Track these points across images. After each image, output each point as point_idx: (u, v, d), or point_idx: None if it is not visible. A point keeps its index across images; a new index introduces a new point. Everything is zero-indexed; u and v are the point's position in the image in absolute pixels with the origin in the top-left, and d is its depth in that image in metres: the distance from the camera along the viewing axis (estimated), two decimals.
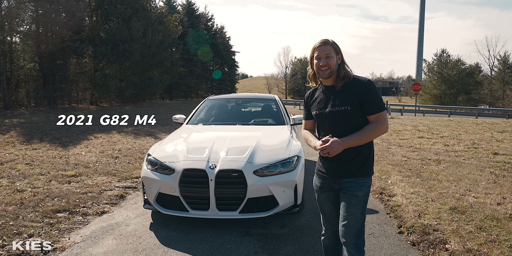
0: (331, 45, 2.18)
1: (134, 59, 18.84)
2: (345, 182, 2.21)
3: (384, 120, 2.13)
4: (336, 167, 2.22)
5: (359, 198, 2.18)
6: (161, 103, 23.82)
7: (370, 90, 2.14)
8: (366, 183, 2.21)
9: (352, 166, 2.19)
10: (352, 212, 2.17)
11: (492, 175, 5.57)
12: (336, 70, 2.18)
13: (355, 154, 2.18)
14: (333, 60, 2.16)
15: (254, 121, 5.15)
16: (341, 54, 2.22)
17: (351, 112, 2.14)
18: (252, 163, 3.53)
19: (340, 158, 2.17)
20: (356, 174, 2.19)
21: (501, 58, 40.73)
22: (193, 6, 35.09)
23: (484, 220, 3.64)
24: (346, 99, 2.15)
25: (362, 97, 2.13)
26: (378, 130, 2.12)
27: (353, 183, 2.19)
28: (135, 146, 8.20)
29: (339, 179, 2.23)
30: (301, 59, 70.67)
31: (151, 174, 3.67)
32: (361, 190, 2.18)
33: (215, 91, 38.01)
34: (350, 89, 2.17)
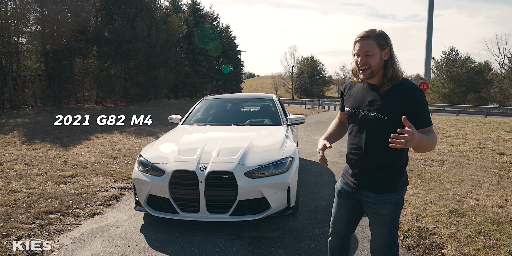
0: (374, 39, 1.78)
1: (138, 58, 18.88)
2: (366, 196, 1.95)
3: (434, 134, 1.76)
4: (358, 175, 1.96)
5: (383, 216, 1.92)
6: (166, 103, 23.86)
7: (419, 102, 1.75)
8: (391, 199, 1.89)
9: (374, 178, 1.90)
10: (377, 229, 1.97)
11: (496, 176, 5.42)
12: (379, 69, 1.82)
13: (381, 164, 1.87)
14: (375, 58, 1.79)
15: (250, 121, 5.07)
16: (389, 48, 1.81)
17: (387, 122, 1.79)
18: (243, 165, 3.45)
19: (365, 165, 1.90)
20: (378, 190, 1.89)
21: (511, 56, 40.00)
22: (198, 5, 35.09)
23: (483, 223, 3.52)
24: (386, 106, 1.80)
25: (407, 108, 1.75)
26: (435, 142, 1.77)
27: (374, 200, 1.91)
28: (136, 146, 8.19)
29: (360, 190, 1.97)
30: (307, 58, 70.43)
31: (142, 175, 3.62)
32: (383, 208, 1.89)
33: (221, 91, 37.99)
34: (395, 95, 1.79)
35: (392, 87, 1.81)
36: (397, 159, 1.88)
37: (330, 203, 4.39)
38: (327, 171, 6.18)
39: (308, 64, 69.52)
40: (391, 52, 1.83)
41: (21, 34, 16.46)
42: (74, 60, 18.55)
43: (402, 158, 1.90)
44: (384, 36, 1.81)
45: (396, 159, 1.88)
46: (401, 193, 1.93)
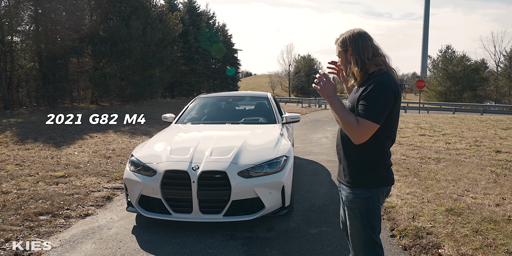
0: (338, 44, 1.99)
1: (134, 57, 18.74)
2: (342, 188, 2.06)
3: (360, 127, 1.78)
4: (339, 168, 2.09)
5: (352, 210, 1.97)
6: (162, 102, 23.73)
7: (369, 90, 1.80)
8: (359, 195, 1.92)
9: (347, 171, 1.99)
10: (351, 223, 2.01)
11: (493, 174, 5.38)
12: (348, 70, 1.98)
13: (350, 157, 1.96)
14: (341, 61, 2.01)
15: (245, 120, 5.00)
16: (350, 49, 1.91)
17: (352, 111, 1.91)
18: (237, 164, 3.38)
19: (340, 157, 2.04)
20: (348, 182, 1.98)
21: (507, 54, 40.17)
22: (194, 4, 34.91)
23: (481, 222, 3.47)
24: (354, 96, 1.94)
25: (360, 95, 1.84)
26: (347, 126, 1.80)
27: (345, 192, 2.00)
28: (130, 145, 8.10)
29: (339, 182, 2.11)
30: (304, 57, 70.31)
31: (133, 175, 3.55)
32: (352, 202, 1.95)
33: (218, 90, 37.87)
34: (363, 86, 1.89)
35: (366, 79, 1.91)
36: (364, 154, 1.91)
37: (326, 202, 4.34)
38: (323, 169, 6.13)
39: (304, 62, 69.42)
40: (353, 53, 1.91)
41: (14, 33, 16.28)
42: (69, 59, 18.38)
43: (369, 154, 1.90)
44: (345, 40, 1.94)
45: (362, 154, 1.91)
46: (374, 192, 1.92)
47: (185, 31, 29.63)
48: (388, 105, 1.82)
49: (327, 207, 4.20)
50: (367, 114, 1.78)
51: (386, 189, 1.98)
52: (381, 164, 1.93)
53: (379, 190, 1.94)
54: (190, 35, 31.11)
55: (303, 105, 31.13)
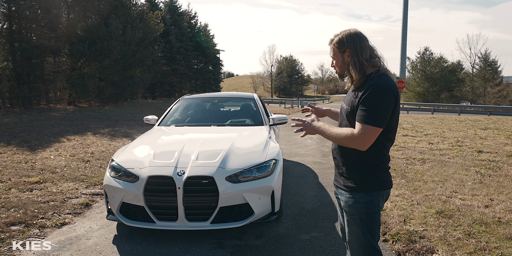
0: (333, 45, 1.92)
1: (113, 57, 18.23)
2: (340, 194, 2.00)
3: (361, 133, 1.72)
4: (336, 173, 2.04)
5: (352, 216, 1.91)
6: (143, 103, 23.24)
7: (369, 94, 1.74)
8: (359, 199, 1.86)
9: (343, 175, 1.95)
10: (351, 230, 1.94)
11: (478, 174, 5.42)
12: (345, 71, 1.93)
13: (351, 162, 1.90)
14: (337, 62, 1.93)
15: (231, 121, 4.84)
16: (348, 51, 1.85)
17: (351, 114, 1.86)
18: (225, 168, 3.23)
19: (338, 161, 1.98)
20: (347, 187, 1.92)
21: (482, 56, 41.50)
22: (176, 3, 34.44)
23: (472, 225, 3.44)
24: (351, 99, 1.89)
25: (360, 99, 1.78)
26: (347, 138, 1.77)
27: (344, 197, 1.94)
28: (110, 148, 7.79)
29: (336, 188, 2.05)
30: (286, 58, 70.67)
31: (114, 181, 3.33)
32: (351, 207, 1.89)
33: (200, 90, 37.47)
34: (361, 89, 1.82)
35: (364, 82, 1.83)
36: (363, 157, 1.85)
37: (315, 206, 4.24)
38: (310, 172, 6.04)
39: (287, 63, 69.74)
40: (351, 54, 1.84)
41: None
42: (45, 58, 17.69)
43: (370, 157, 1.84)
44: (342, 41, 1.86)
45: (362, 157, 1.85)
46: (374, 195, 1.87)
47: (167, 31, 29.17)
48: (389, 107, 1.76)
49: (317, 211, 4.09)
50: (369, 119, 1.72)
51: (386, 192, 1.93)
52: (381, 167, 1.88)
53: (379, 194, 1.88)
54: (172, 35, 30.67)
55: (286, 105, 31.17)
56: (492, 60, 41.42)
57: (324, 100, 52.32)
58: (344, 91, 79.13)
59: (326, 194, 4.73)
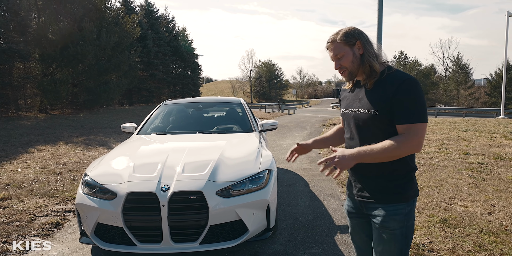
0: (338, 40, 1.67)
1: (87, 62, 17.48)
2: (372, 209, 1.70)
3: (413, 135, 1.53)
4: (361, 185, 1.74)
5: (393, 231, 1.64)
6: (120, 109, 22.46)
7: (405, 90, 1.55)
8: (401, 210, 1.64)
9: (379, 185, 1.67)
10: (386, 249, 1.67)
11: (472, 178, 5.29)
12: (358, 67, 1.68)
13: (385, 169, 1.63)
14: (347, 59, 1.67)
15: (217, 128, 4.50)
16: (360, 42, 1.66)
17: (380, 118, 1.60)
18: (215, 182, 2.88)
19: (365, 172, 1.69)
20: (386, 199, 1.65)
21: (454, 60, 42.86)
22: (153, 7, 33.80)
23: (480, 235, 3.23)
24: (375, 100, 1.62)
25: (394, 99, 1.57)
26: (399, 147, 1.52)
27: (382, 211, 1.66)
28: (84, 159, 7.26)
29: (365, 203, 1.74)
30: (265, 62, 70.86)
31: (88, 199, 2.93)
32: (393, 221, 1.63)
33: (179, 96, 36.80)
34: (384, 87, 1.62)
35: (380, 81, 1.65)
36: (401, 162, 1.63)
37: (310, 218, 3.95)
38: (299, 179, 5.76)
39: (266, 68, 69.90)
40: (363, 46, 1.67)
41: None
42: (13, 64, 16.77)
43: (407, 161, 1.65)
44: (350, 33, 1.68)
45: (400, 162, 1.63)
46: (412, 204, 1.69)
47: (144, 35, 28.50)
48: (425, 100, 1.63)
49: (313, 223, 3.80)
50: (418, 116, 1.55)
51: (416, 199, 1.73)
52: (415, 170, 1.70)
53: (414, 202, 1.71)
54: (149, 39, 30.01)
55: (267, 110, 30.99)
56: (464, 64, 42.86)
57: (303, 104, 52.62)
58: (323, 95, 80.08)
59: (320, 203, 4.46)
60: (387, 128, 1.61)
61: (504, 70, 21.65)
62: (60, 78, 16.68)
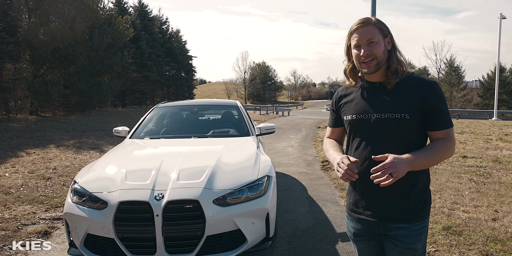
0: (374, 24, 1.49)
1: (79, 63, 17.20)
2: (395, 229, 1.51)
3: (453, 139, 1.49)
4: (381, 204, 1.52)
5: (417, 251, 1.51)
6: (113, 111, 22.18)
7: (439, 96, 1.47)
8: (425, 227, 1.53)
9: (405, 203, 1.49)
10: None
11: (472, 182, 5.20)
12: (384, 61, 1.51)
13: (410, 185, 1.48)
14: (379, 47, 1.48)
15: (213, 132, 4.35)
16: (390, 36, 1.53)
17: (409, 123, 1.46)
18: (212, 190, 2.74)
19: (388, 189, 1.46)
20: (412, 217, 1.49)
21: (447, 62, 43.19)
22: (146, 8, 33.56)
23: (486, 242, 3.12)
24: (403, 103, 1.47)
25: (427, 104, 1.46)
26: (449, 151, 1.46)
27: (408, 231, 1.49)
28: (75, 163, 7.06)
29: (385, 223, 1.53)
30: (259, 64, 70.80)
31: (77, 209, 2.76)
32: (419, 240, 1.51)
33: (172, 97, 36.55)
34: (409, 89, 1.49)
35: (401, 81, 1.51)
36: (424, 174, 1.53)
37: (310, 225, 3.82)
38: (297, 184, 5.64)
39: (260, 70, 69.82)
40: (392, 41, 1.55)
41: None
42: (4, 65, 16.42)
43: (426, 172, 1.56)
44: (383, 23, 1.54)
45: (426, 173, 1.54)
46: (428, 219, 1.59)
47: (137, 36, 28.24)
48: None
49: (312, 230, 3.67)
50: (451, 121, 1.50)
51: None
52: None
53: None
54: (142, 41, 29.76)
55: (261, 112, 30.87)
56: (456, 66, 43.20)
57: (298, 106, 52.62)
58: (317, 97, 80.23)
59: (319, 209, 4.33)
60: (413, 133, 1.48)
61: (497, 72, 21.81)
62: (51, 79, 16.40)
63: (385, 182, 1.29)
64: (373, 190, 1.49)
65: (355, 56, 1.52)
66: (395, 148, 1.45)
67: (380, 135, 1.50)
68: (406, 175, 1.37)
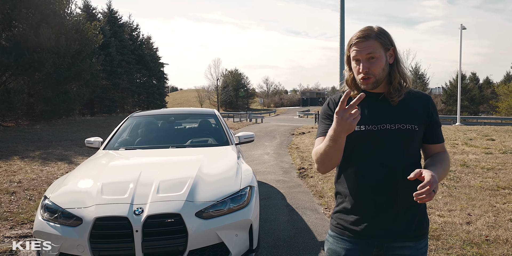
0: (375, 38, 1.38)
1: (45, 70, 16.50)
2: (400, 248, 1.40)
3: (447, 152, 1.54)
4: (391, 221, 1.39)
5: None
6: (81, 120, 21.39)
7: (435, 108, 1.51)
8: (427, 245, 1.48)
9: (413, 219, 1.40)
10: None
11: (444, 186, 5.38)
12: (385, 76, 1.43)
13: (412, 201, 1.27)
14: (379, 63, 1.39)
15: (192, 141, 4.26)
16: (393, 48, 1.44)
17: (417, 135, 1.43)
18: (194, 202, 2.66)
19: (399, 201, 1.37)
20: (418, 234, 1.42)
21: (413, 69, 45.05)
22: (116, 14, 32.86)
23: (463, 246, 3.21)
24: (411, 114, 1.44)
25: (430, 117, 1.46)
26: (449, 164, 1.51)
27: (415, 250, 1.41)
28: (42, 175, 6.69)
29: (388, 243, 1.40)
30: (232, 71, 70.96)
31: (48, 226, 2.59)
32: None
33: (143, 105, 35.77)
34: (413, 102, 1.46)
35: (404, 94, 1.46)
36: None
37: (291, 234, 3.79)
38: (275, 192, 5.61)
39: (232, 77, 69.96)
40: (395, 54, 1.45)
41: None
42: None
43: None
44: (386, 34, 1.43)
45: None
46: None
47: (106, 43, 27.54)
48: None
49: (294, 240, 3.64)
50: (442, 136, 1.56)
51: None
52: None
53: None
54: (112, 47, 29.06)
55: (235, 119, 30.81)
56: (421, 73, 45.18)
57: (270, 113, 53.01)
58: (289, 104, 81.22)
59: (299, 218, 4.32)
60: (417, 145, 1.47)
61: (459, 80, 22.99)
62: (14, 87, 15.62)
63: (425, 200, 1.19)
64: (386, 207, 1.39)
65: (354, 69, 1.45)
66: (406, 160, 1.40)
67: (391, 147, 1.40)
68: (412, 189, 1.28)
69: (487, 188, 5.19)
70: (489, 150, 8.71)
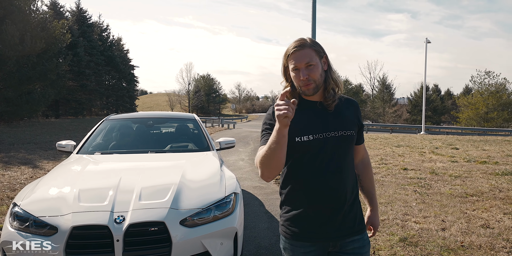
0: (310, 47, 1.49)
1: (7, 69, 15.64)
2: (351, 242, 1.57)
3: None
4: (341, 221, 1.53)
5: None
6: (45, 122, 20.36)
7: (360, 112, 1.71)
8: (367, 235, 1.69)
9: (355, 215, 1.58)
10: None
11: (417, 193, 5.55)
12: (322, 82, 1.53)
13: (353, 196, 1.58)
14: (317, 70, 1.49)
15: (171, 146, 4.13)
16: (326, 56, 1.56)
17: (355, 139, 1.61)
18: (178, 209, 2.56)
19: (346, 200, 1.52)
20: (362, 227, 1.61)
21: (380, 79, 46.83)
22: (85, 13, 31.79)
23: (441, 252, 3.30)
24: (348, 120, 1.58)
25: (359, 121, 1.65)
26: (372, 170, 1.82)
27: (362, 241, 1.59)
28: (4, 180, 6.25)
29: (342, 239, 1.55)
30: (204, 76, 70.53)
31: (18, 236, 2.40)
32: (369, 247, 1.63)
33: (112, 108, 34.68)
34: (345, 108, 1.61)
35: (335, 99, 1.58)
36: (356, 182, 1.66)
37: (272, 241, 3.74)
38: (253, 198, 5.55)
39: (204, 82, 69.53)
40: (328, 61, 1.58)
41: None
42: None
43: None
44: (318, 43, 1.55)
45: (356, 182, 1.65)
46: None
47: (74, 43, 26.56)
48: None
49: (275, 247, 3.59)
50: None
51: None
52: None
53: None
54: (80, 47, 28.04)
55: (207, 124, 30.53)
56: (388, 84, 46.99)
57: (242, 119, 53.03)
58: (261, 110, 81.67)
59: (278, 225, 4.27)
60: (353, 147, 1.62)
61: (424, 91, 24.07)
62: None
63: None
64: (337, 210, 1.51)
65: (294, 78, 1.51)
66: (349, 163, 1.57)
67: (338, 153, 1.51)
68: (349, 187, 1.52)
69: (457, 195, 5.40)
70: (454, 159, 9.12)
